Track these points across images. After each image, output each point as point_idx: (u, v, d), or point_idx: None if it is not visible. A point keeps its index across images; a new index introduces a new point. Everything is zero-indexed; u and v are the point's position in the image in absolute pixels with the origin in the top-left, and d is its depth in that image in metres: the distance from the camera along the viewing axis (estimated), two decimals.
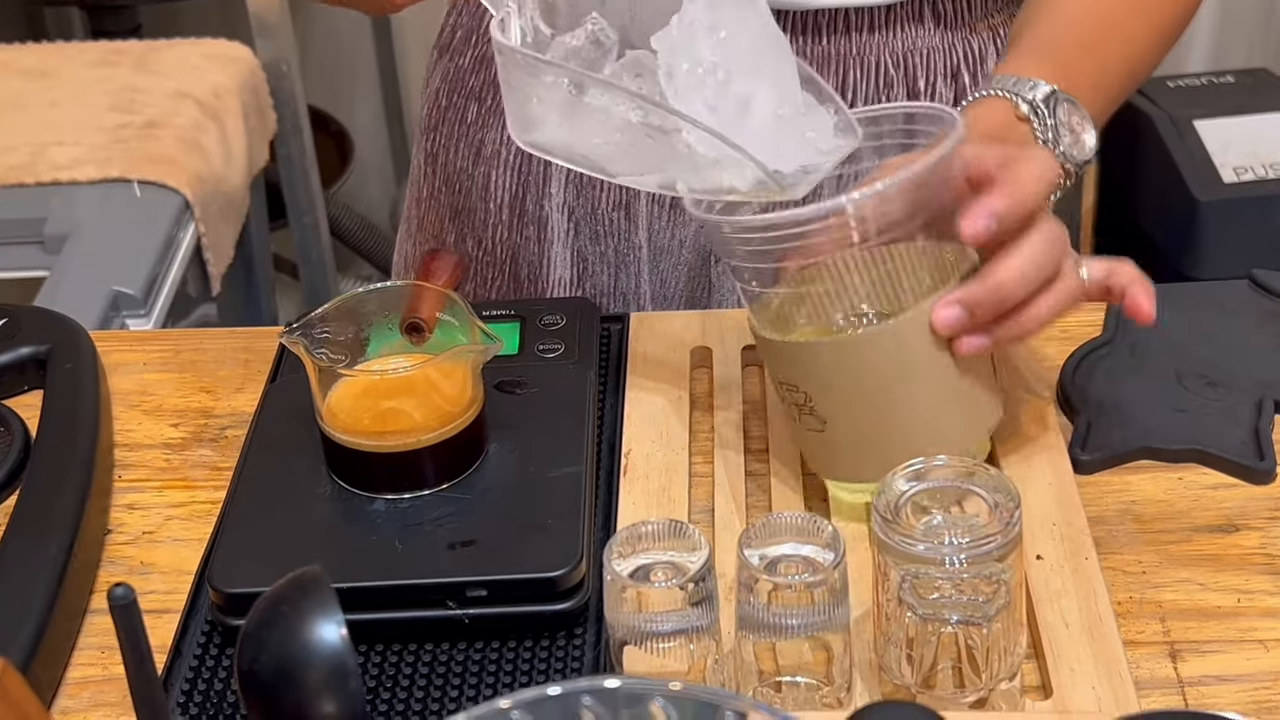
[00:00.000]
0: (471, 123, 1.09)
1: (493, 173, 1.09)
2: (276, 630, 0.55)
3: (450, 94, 1.11)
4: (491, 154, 1.09)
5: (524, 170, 1.08)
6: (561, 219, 1.08)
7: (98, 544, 0.84)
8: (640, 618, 0.69)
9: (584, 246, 1.08)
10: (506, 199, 1.09)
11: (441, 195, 1.13)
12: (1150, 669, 0.75)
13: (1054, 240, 0.79)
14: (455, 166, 1.11)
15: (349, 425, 0.81)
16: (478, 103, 1.09)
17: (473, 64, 1.09)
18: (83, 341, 0.94)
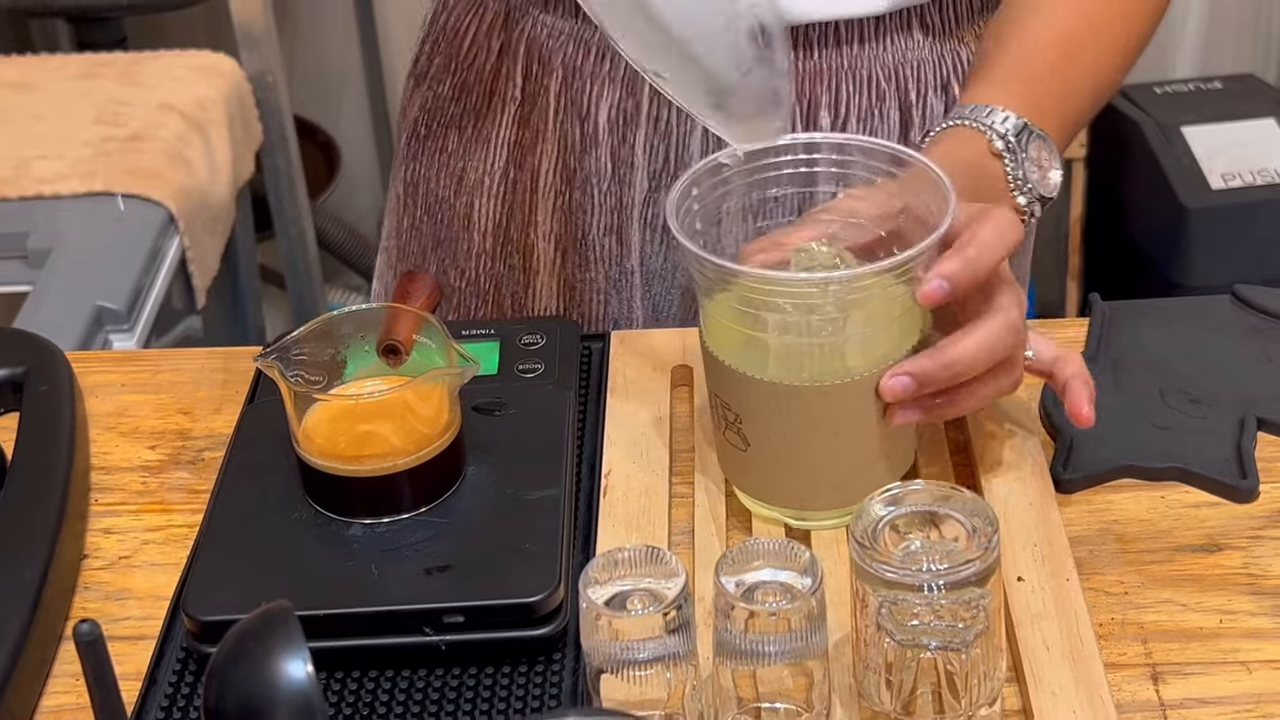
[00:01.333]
0: (452, 152, 1.09)
1: (475, 201, 1.08)
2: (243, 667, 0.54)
3: (430, 123, 1.10)
4: (474, 183, 1.08)
5: (509, 199, 1.07)
6: (548, 247, 1.07)
7: (73, 569, 0.84)
8: (617, 646, 0.68)
9: (571, 275, 1.07)
10: (490, 228, 1.08)
11: (423, 225, 1.12)
12: (1132, 692, 0.75)
13: (1013, 329, 0.80)
14: (436, 196, 1.10)
15: (325, 449, 0.80)
16: (458, 131, 1.08)
17: (452, 91, 1.08)
18: (59, 363, 0.94)
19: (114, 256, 1.60)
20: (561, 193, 1.05)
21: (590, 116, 1.02)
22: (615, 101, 1.01)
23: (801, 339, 0.78)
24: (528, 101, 1.04)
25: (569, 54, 1.02)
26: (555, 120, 1.03)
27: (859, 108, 1.01)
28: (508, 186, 1.07)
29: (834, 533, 0.82)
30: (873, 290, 0.78)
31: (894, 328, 0.80)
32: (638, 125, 1.01)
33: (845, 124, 1.00)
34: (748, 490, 0.84)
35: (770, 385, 0.79)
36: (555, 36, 1.02)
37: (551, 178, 1.05)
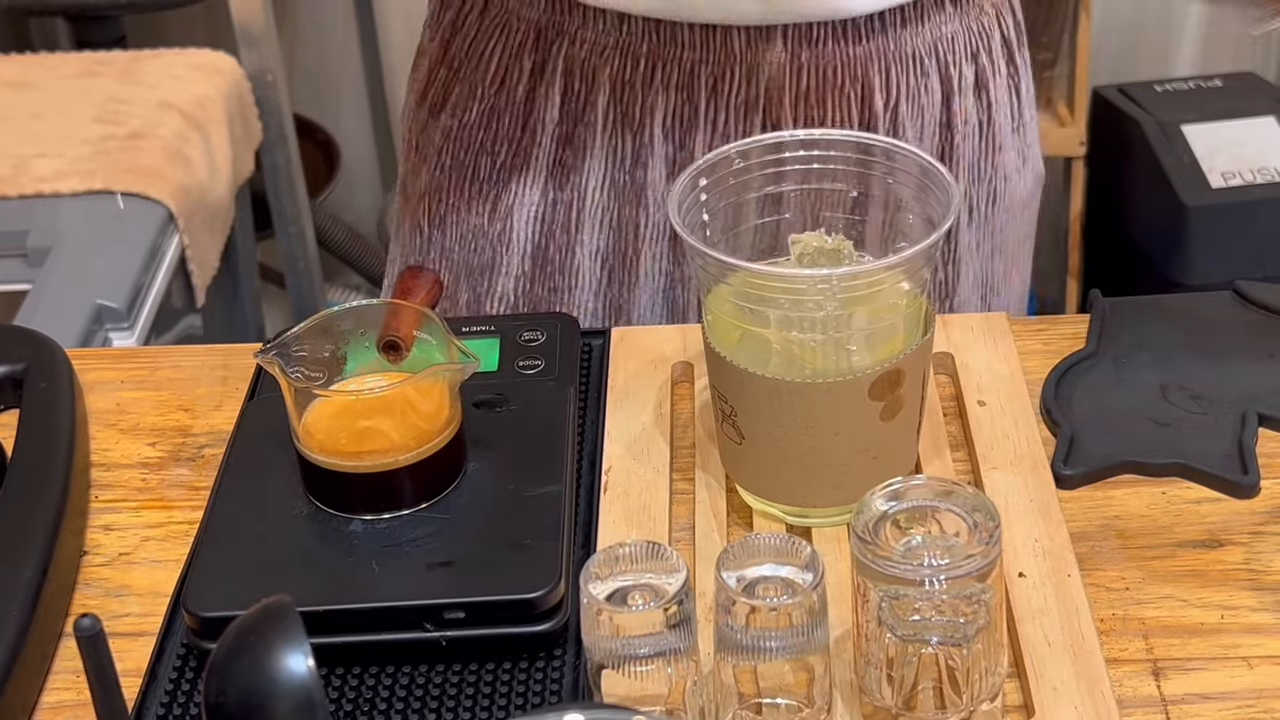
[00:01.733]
0: (484, 178, 1.06)
1: (514, 226, 1.06)
2: (243, 662, 0.54)
3: (456, 152, 1.07)
4: (510, 208, 1.06)
5: (548, 219, 1.05)
6: (594, 266, 1.06)
7: (73, 566, 0.84)
8: (618, 641, 0.68)
9: (618, 294, 1.06)
10: (530, 250, 1.07)
11: (454, 255, 1.10)
12: (1133, 687, 0.74)
13: None
14: (469, 225, 1.08)
15: (325, 445, 0.80)
16: (490, 157, 1.06)
17: (480, 118, 1.05)
18: (59, 360, 0.94)
19: (113, 255, 1.60)
20: (609, 209, 1.04)
21: (644, 127, 1.01)
22: (670, 109, 1.00)
23: (804, 335, 0.78)
24: (568, 120, 1.03)
25: (616, 68, 1.00)
26: (604, 135, 1.02)
27: (907, 86, 1.02)
28: (547, 207, 1.05)
29: (835, 528, 0.82)
30: (876, 287, 0.78)
31: (899, 325, 0.80)
32: (695, 129, 1.01)
33: (897, 104, 1.01)
34: (746, 485, 0.84)
35: (772, 382, 0.79)
36: (599, 52, 1.00)
37: (599, 195, 1.04)
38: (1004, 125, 1.07)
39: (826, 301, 0.77)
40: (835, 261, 0.80)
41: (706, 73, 0.99)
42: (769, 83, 0.99)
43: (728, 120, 1.00)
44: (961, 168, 1.06)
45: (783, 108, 0.99)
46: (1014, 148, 1.08)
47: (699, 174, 0.82)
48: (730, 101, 0.99)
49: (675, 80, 1.00)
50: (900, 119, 1.02)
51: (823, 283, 0.76)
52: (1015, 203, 1.10)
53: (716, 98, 0.99)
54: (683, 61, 0.99)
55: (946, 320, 0.96)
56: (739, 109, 1.00)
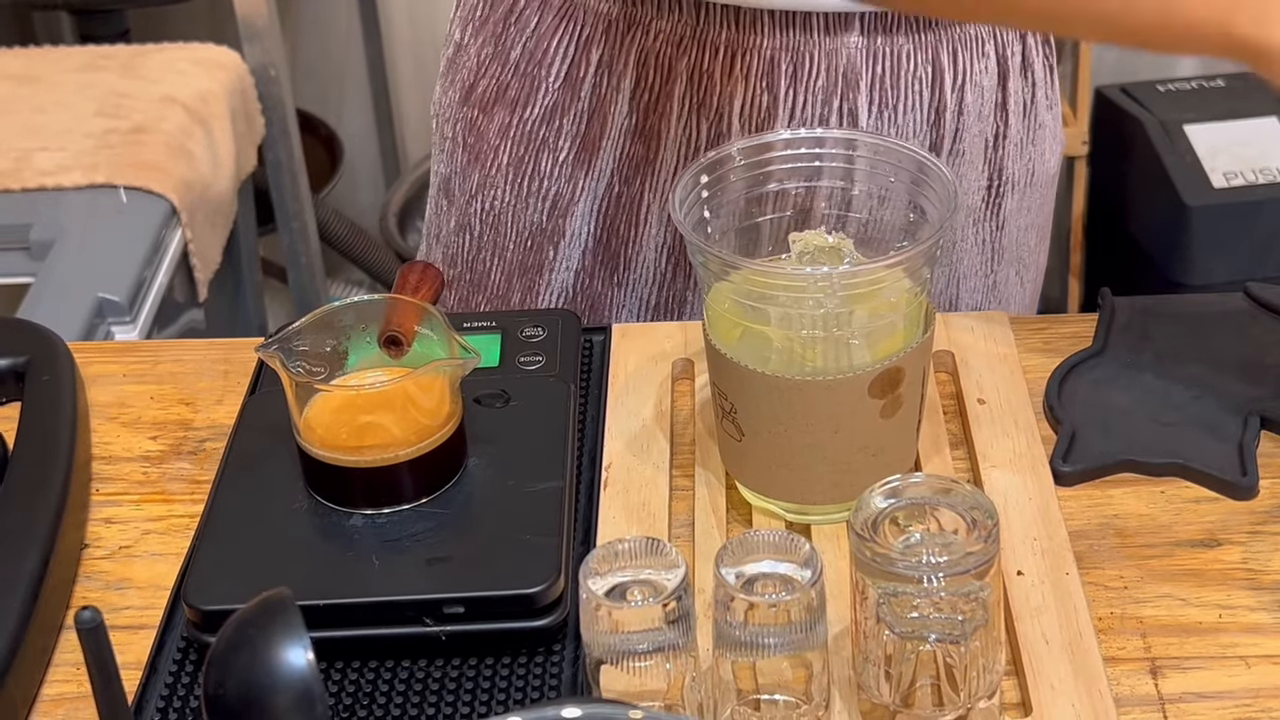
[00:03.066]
0: (546, 174, 1.05)
1: (576, 222, 1.05)
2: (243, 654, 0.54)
3: (515, 150, 1.05)
4: (573, 202, 1.05)
5: (611, 214, 1.05)
6: (659, 259, 1.05)
7: (74, 559, 0.84)
8: (616, 637, 0.68)
9: (682, 286, 1.05)
10: (591, 245, 1.06)
11: (508, 254, 1.09)
12: (1131, 686, 0.75)
13: None
14: (525, 221, 1.07)
15: (326, 440, 0.80)
16: (551, 153, 1.04)
17: (543, 114, 1.04)
18: (61, 353, 0.94)
19: (116, 249, 1.60)
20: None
21: (722, 117, 1.00)
22: (749, 98, 1.00)
23: (804, 333, 0.79)
24: (638, 112, 1.02)
25: (693, 58, 0.99)
26: (678, 127, 1.01)
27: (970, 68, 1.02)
28: (611, 201, 1.04)
29: (835, 525, 0.82)
30: (876, 285, 0.78)
31: (899, 323, 0.80)
32: (774, 118, 1.00)
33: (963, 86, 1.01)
34: (746, 482, 0.84)
35: (772, 379, 0.79)
36: (675, 43, 0.99)
37: (669, 187, 1.02)
38: (1042, 102, 1.07)
39: (827, 299, 0.77)
40: (836, 259, 0.80)
41: (786, 60, 0.98)
42: (847, 68, 0.99)
43: (807, 106, 1.00)
44: (1012, 145, 1.06)
45: (859, 93, 0.99)
46: (1049, 124, 1.09)
47: (701, 171, 0.82)
48: (809, 88, 0.99)
49: (755, 69, 0.99)
50: (965, 101, 1.02)
51: (823, 280, 0.77)
52: (1049, 178, 1.12)
53: (795, 85, 0.99)
54: (762, 50, 0.98)
55: (947, 319, 0.96)
56: (817, 95, 0.99)
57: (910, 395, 0.81)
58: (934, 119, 1.01)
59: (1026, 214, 1.10)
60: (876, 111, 1.00)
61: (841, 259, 0.80)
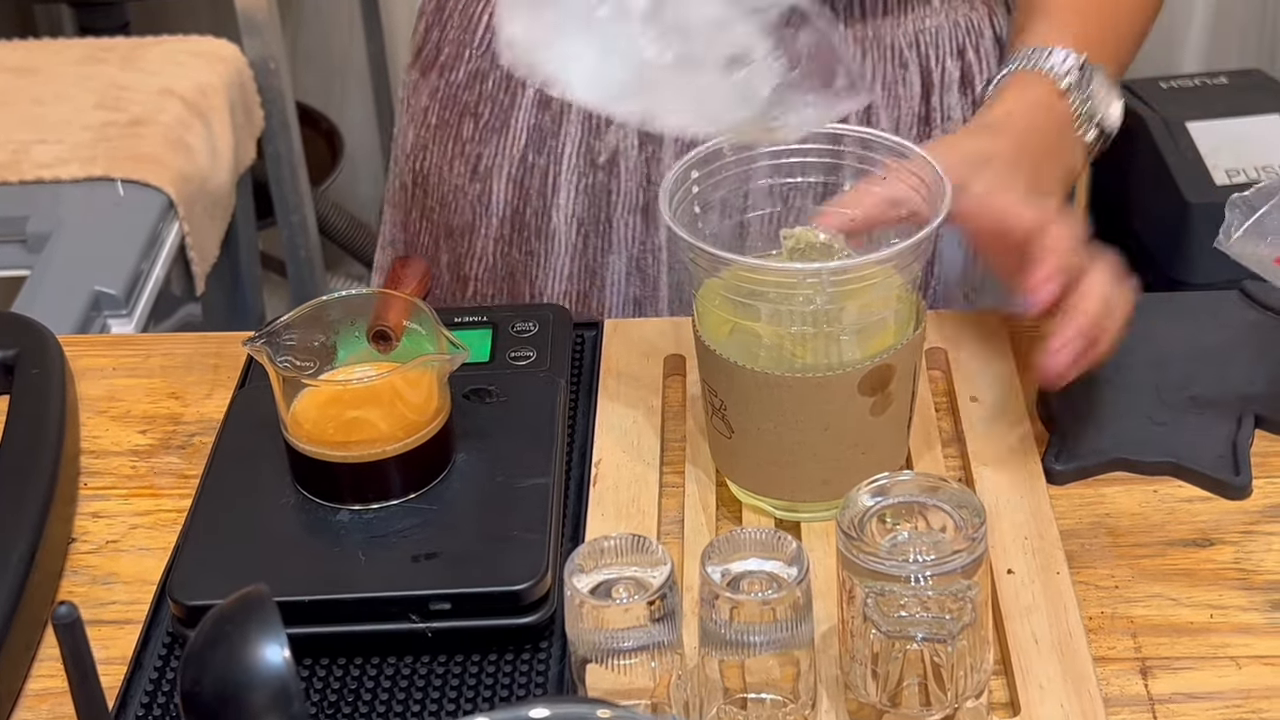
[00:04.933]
0: (468, 139, 1.08)
1: (493, 187, 1.07)
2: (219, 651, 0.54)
3: (442, 111, 1.09)
4: (491, 169, 1.07)
5: (526, 183, 1.07)
6: (570, 230, 1.06)
7: (60, 553, 0.83)
8: (602, 635, 0.68)
9: (593, 258, 1.07)
10: (508, 213, 1.08)
11: (435, 215, 1.12)
12: (1120, 686, 0.74)
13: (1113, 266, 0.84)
14: (450, 185, 1.10)
15: (314, 435, 0.80)
16: (474, 118, 1.07)
17: (467, 79, 1.08)
18: (50, 346, 0.93)
19: (113, 242, 1.59)
20: (585, 174, 1.05)
21: None
22: None
23: (794, 330, 0.78)
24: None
25: None
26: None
27: (884, 75, 1.02)
28: (526, 170, 1.06)
29: (825, 524, 0.82)
30: (866, 281, 0.77)
31: (889, 319, 0.79)
32: None
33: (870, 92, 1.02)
34: (736, 479, 0.84)
35: (762, 376, 0.79)
36: None
37: (575, 159, 1.05)
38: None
39: (817, 295, 0.76)
40: (826, 256, 0.80)
41: None
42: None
43: None
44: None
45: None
46: None
47: (691, 166, 0.82)
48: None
49: None
50: (874, 108, 1.02)
51: (813, 277, 0.76)
52: None
53: None
54: None
55: (939, 316, 0.96)
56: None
57: (901, 393, 0.81)
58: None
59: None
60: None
61: (833, 255, 0.80)
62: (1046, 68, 0.91)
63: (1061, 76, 0.90)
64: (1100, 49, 0.93)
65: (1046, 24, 0.93)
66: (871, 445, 0.81)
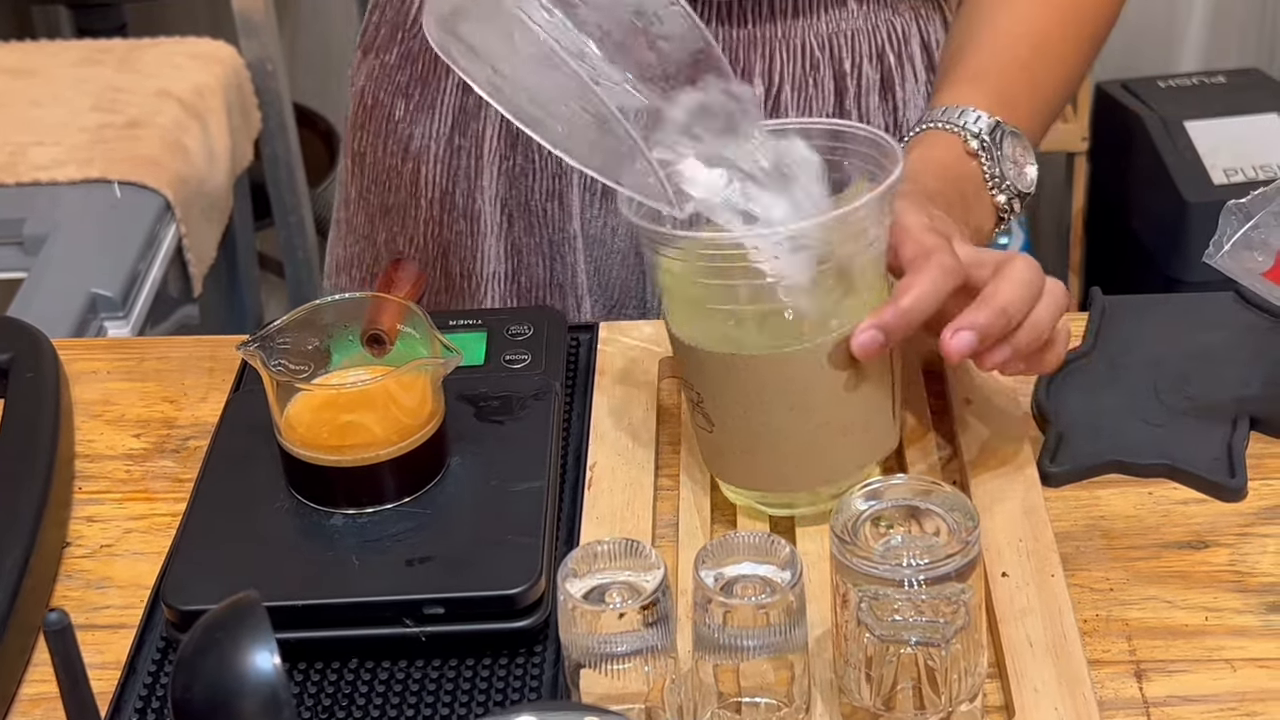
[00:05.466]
0: (400, 119, 1.09)
1: (422, 168, 1.08)
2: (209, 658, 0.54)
3: (376, 91, 1.10)
4: (420, 149, 1.08)
5: (453, 164, 1.07)
6: (494, 212, 1.07)
7: (55, 557, 0.83)
8: (595, 639, 0.68)
9: (518, 239, 1.07)
10: (436, 194, 1.08)
11: (370, 194, 1.12)
12: (1115, 689, 0.74)
13: (1031, 262, 0.80)
14: (384, 165, 1.10)
15: (307, 439, 0.80)
16: (405, 99, 1.08)
17: (399, 60, 1.08)
18: (45, 350, 0.93)
19: (110, 244, 1.59)
20: (507, 157, 1.05)
21: None
22: None
23: (749, 307, 0.77)
24: None
25: None
26: None
27: (793, 75, 1.02)
28: (452, 152, 1.07)
29: (819, 527, 0.82)
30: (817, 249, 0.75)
31: (849, 294, 0.78)
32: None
33: (780, 91, 1.01)
34: (721, 475, 0.84)
35: (724, 358, 0.78)
36: None
37: (496, 143, 1.05)
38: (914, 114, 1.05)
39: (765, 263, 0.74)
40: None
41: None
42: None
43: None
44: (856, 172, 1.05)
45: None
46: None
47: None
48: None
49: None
50: (783, 108, 1.02)
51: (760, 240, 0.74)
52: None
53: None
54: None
55: None
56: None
57: (875, 368, 0.79)
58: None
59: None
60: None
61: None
62: (958, 127, 0.90)
63: (972, 137, 0.89)
64: (1016, 110, 0.91)
65: (965, 82, 0.93)
66: (848, 426, 0.80)
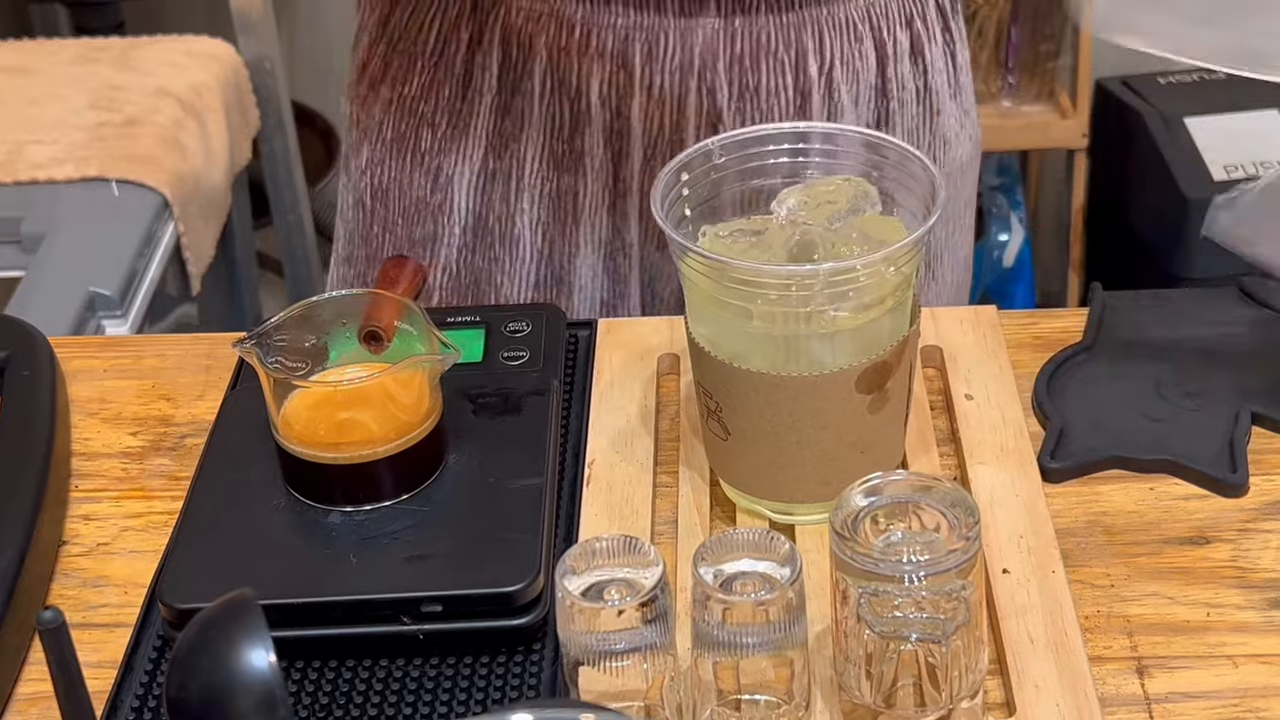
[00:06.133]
0: (426, 150, 1.07)
1: (454, 197, 1.07)
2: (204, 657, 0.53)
3: (398, 125, 1.08)
4: (451, 178, 1.07)
5: (488, 190, 1.06)
6: (535, 237, 1.06)
7: (51, 556, 0.83)
8: (594, 637, 0.67)
9: (559, 264, 1.06)
10: (470, 222, 1.07)
11: (398, 228, 1.10)
12: (1116, 685, 0.74)
13: None
14: (411, 197, 1.08)
15: (304, 436, 0.79)
16: (431, 128, 1.06)
17: (420, 90, 1.06)
18: (41, 348, 0.93)
19: (107, 242, 1.59)
20: (549, 179, 1.04)
21: (581, 95, 1.01)
22: (606, 76, 1.00)
23: (789, 329, 0.78)
24: (506, 90, 1.03)
25: (551, 35, 1.00)
26: (541, 105, 1.02)
27: (841, 52, 1.02)
28: (487, 178, 1.06)
29: (819, 524, 0.81)
30: (861, 280, 0.77)
31: (885, 317, 0.79)
32: (632, 96, 1.01)
33: (831, 69, 1.02)
34: (732, 481, 0.83)
35: (757, 376, 0.78)
36: (535, 19, 1.01)
37: (538, 164, 1.04)
38: (941, 90, 1.07)
39: (813, 297, 0.76)
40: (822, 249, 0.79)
41: (640, 39, 0.99)
42: (703, 48, 0.99)
43: (663, 86, 1.00)
44: (900, 134, 1.06)
45: (717, 73, 1.00)
46: (952, 113, 1.09)
47: (681, 168, 0.81)
48: (665, 67, 1.00)
49: (610, 47, 1.00)
50: (835, 85, 1.02)
51: (809, 277, 0.76)
52: (955, 168, 1.11)
53: (651, 63, 1.00)
54: (616, 27, 0.99)
55: (935, 313, 0.95)
56: (674, 74, 1.00)
57: (897, 390, 0.80)
58: (800, 102, 1.02)
59: None
60: (737, 92, 1.00)
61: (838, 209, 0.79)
62: None
63: None
64: None
65: None
66: (870, 444, 0.81)
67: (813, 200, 0.81)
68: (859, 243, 0.78)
